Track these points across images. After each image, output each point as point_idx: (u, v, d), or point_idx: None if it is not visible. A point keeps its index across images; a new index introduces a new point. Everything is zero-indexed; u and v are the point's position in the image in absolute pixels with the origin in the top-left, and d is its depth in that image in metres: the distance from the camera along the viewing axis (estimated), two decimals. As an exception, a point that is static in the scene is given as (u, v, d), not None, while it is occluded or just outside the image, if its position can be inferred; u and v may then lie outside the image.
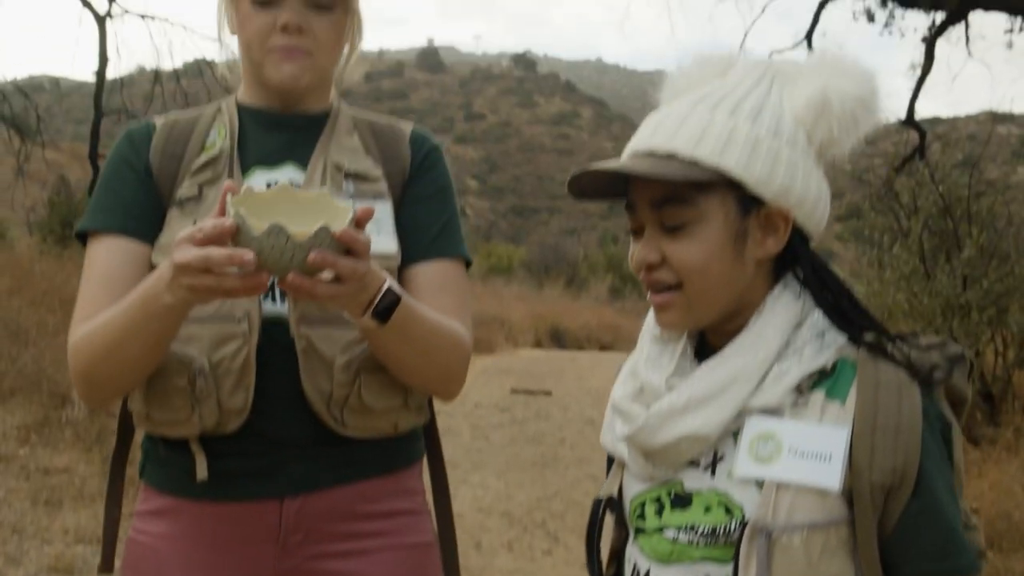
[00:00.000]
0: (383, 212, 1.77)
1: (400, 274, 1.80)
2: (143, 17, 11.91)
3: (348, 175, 1.78)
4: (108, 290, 1.69)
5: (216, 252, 1.37)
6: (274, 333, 1.69)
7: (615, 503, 1.49)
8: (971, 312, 6.94)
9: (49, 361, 7.05)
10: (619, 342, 19.25)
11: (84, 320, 1.69)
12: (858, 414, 1.26)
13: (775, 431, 1.29)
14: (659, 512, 1.39)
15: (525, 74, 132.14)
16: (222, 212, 1.41)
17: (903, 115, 13.10)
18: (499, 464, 7.77)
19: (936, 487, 1.26)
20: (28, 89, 13.56)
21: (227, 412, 1.68)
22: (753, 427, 1.31)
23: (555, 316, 21.07)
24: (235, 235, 1.37)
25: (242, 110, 1.85)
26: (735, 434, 1.33)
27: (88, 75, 11.64)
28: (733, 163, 1.31)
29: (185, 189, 1.75)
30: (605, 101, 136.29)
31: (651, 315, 1.47)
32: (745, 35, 14.10)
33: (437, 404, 1.94)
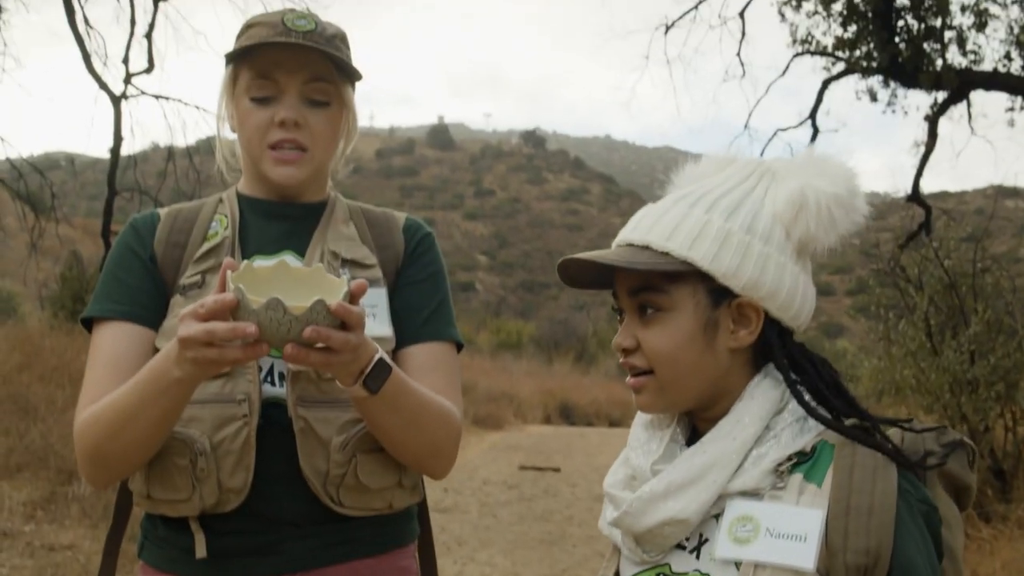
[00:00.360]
0: (378, 298, 1.84)
1: (393, 356, 1.84)
2: (157, 98, 12.13)
3: (345, 262, 1.85)
4: (114, 374, 1.73)
5: (219, 326, 1.43)
6: (273, 414, 1.74)
7: None
8: (979, 388, 6.91)
9: (57, 437, 7.07)
10: (628, 418, 19.03)
11: (90, 404, 1.72)
12: (832, 496, 1.29)
13: (753, 513, 1.33)
14: None
15: (535, 151, 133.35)
16: (223, 288, 1.46)
17: (909, 191, 13.20)
18: (507, 542, 7.70)
19: (913, 568, 1.27)
20: (44, 166, 13.75)
21: (227, 492, 1.71)
22: (733, 510, 1.35)
23: (564, 392, 21.02)
24: (235, 309, 1.43)
25: (243, 200, 1.91)
26: (719, 517, 1.37)
27: (103, 152, 11.82)
28: (701, 255, 1.37)
29: (188, 276, 1.80)
30: (614, 177, 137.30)
31: None
32: (749, 115, 14.29)
33: (445, 481, 1.98)
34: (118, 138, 11.40)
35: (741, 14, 13.70)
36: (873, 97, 13.14)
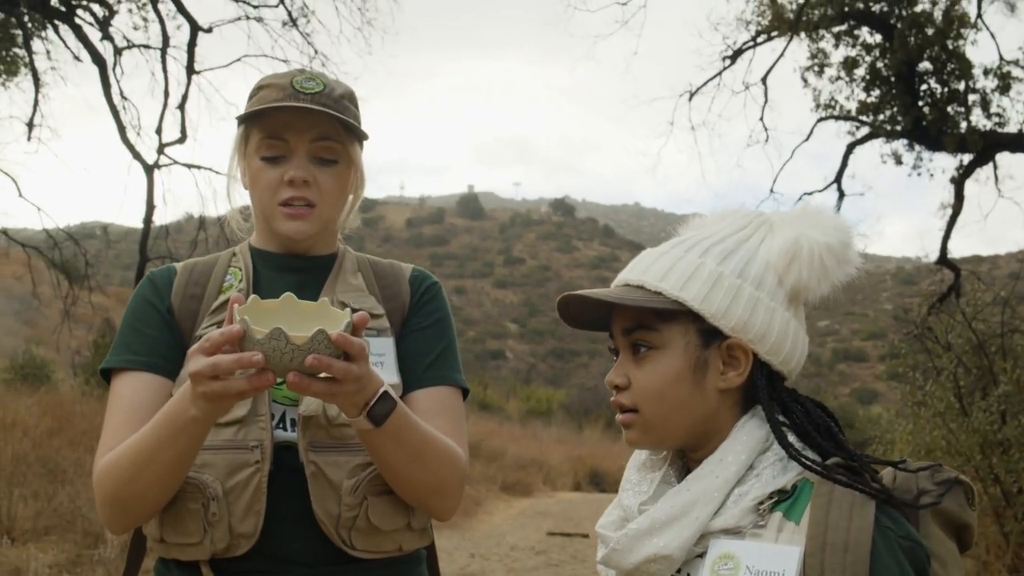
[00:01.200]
0: (386, 347, 1.89)
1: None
2: (189, 167, 12.36)
3: (354, 311, 1.87)
4: (132, 423, 1.77)
5: (223, 358, 1.47)
6: (285, 458, 1.78)
7: None
8: (1011, 448, 6.82)
9: (84, 500, 7.11)
10: (659, 485, 18.93)
11: (108, 452, 1.77)
12: (809, 533, 1.31)
13: (734, 551, 1.35)
14: None
15: (564, 219, 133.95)
16: (230, 322, 1.51)
17: (938, 254, 13.16)
18: (533, 607, 7.61)
19: None
20: (80, 235, 14.01)
21: (237, 536, 1.74)
22: (715, 548, 1.38)
23: (594, 459, 20.86)
24: (241, 341, 1.47)
25: (255, 254, 1.98)
26: (704, 555, 1.39)
27: (137, 221, 12.04)
28: (692, 295, 1.42)
29: (205, 328, 1.85)
30: (643, 245, 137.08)
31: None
32: (775, 179, 14.34)
33: (472, 546, 2.02)
34: (150, 206, 11.61)
35: (764, 80, 13.85)
36: (898, 160, 13.19)
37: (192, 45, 12.25)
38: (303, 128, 1.86)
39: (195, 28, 12.13)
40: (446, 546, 9.86)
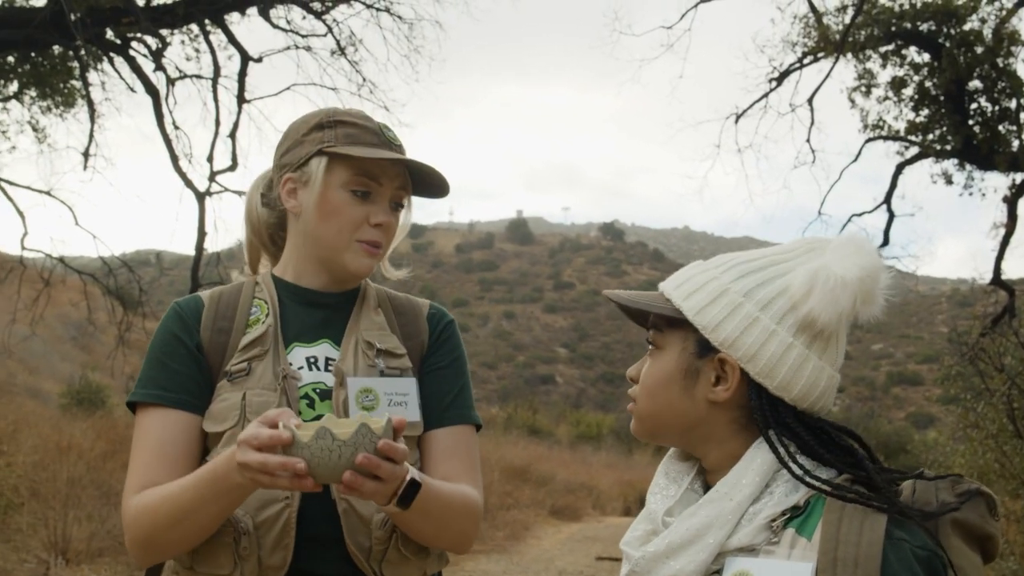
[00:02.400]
0: (409, 387, 1.96)
1: (419, 438, 1.97)
2: (240, 194, 12.54)
3: (379, 352, 1.95)
4: (161, 461, 1.83)
5: (271, 459, 1.54)
6: (314, 495, 1.81)
7: None
8: (1066, 471, 6.70)
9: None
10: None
11: (138, 488, 1.81)
12: (821, 549, 1.33)
13: (749, 569, 1.38)
14: None
15: (613, 243, 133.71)
16: (273, 426, 1.58)
17: (992, 275, 12.96)
18: (580, 631, 7.58)
19: None
20: (135, 263, 14.25)
21: (267, 568, 1.79)
22: (731, 567, 1.40)
23: (644, 483, 20.61)
24: (287, 446, 1.55)
25: (280, 285, 2.02)
26: (720, 573, 1.41)
27: (189, 249, 12.24)
28: (690, 305, 1.48)
29: (235, 364, 1.89)
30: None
31: (670, 451, 1.61)
32: (823, 201, 14.22)
33: (520, 571, 2.08)
34: (202, 233, 11.78)
35: (810, 101, 13.77)
36: (948, 180, 13.03)
37: (243, 75, 12.45)
38: (393, 176, 1.95)
39: (245, 58, 12.33)
40: (494, 570, 9.86)
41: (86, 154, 12.60)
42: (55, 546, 6.77)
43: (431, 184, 2.02)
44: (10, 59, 12.54)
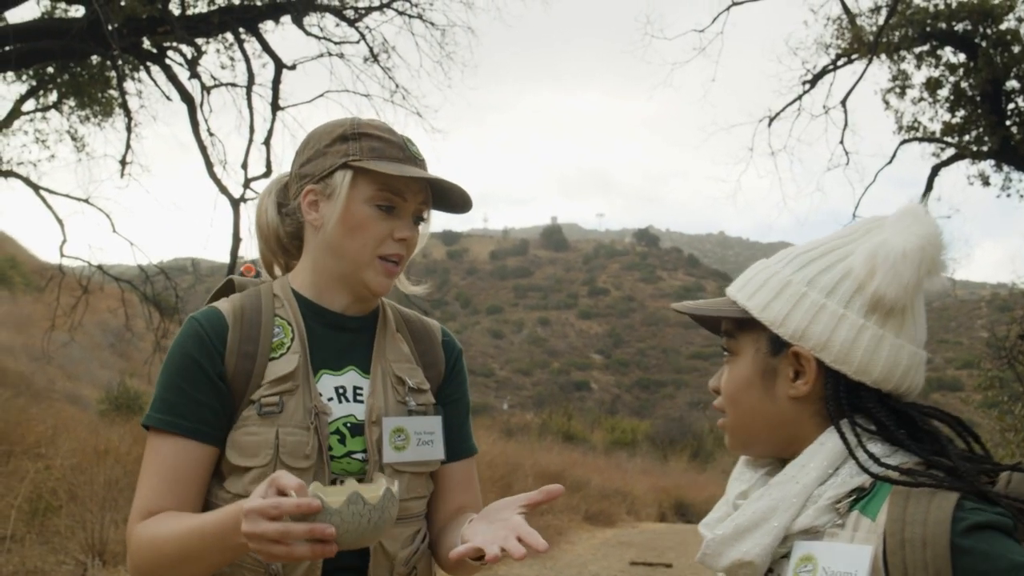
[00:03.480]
0: (435, 425, 1.96)
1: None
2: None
3: (411, 390, 1.96)
4: (172, 489, 1.80)
5: (296, 527, 1.49)
6: None
7: None
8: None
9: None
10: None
11: (144, 513, 1.80)
12: (888, 530, 1.30)
13: (813, 552, 1.36)
14: None
15: (648, 249, 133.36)
16: (283, 493, 1.53)
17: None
18: (613, 635, 7.55)
19: None
20: (172, 270, 14.40)
21: None
22: (797, 551, 1.38)
23: (679, 489, 20.63)
24: (314, 515, 1.52)
25: (302, 303, 1.96)
26: (789, 556, 1.40)
27: (223, 255, 12.36)
28: (755, 303, 1.46)
29: (266, 397, 1.83)
30: (728, 274, 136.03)
31: None
32: (857, 203, 14.11)
33: (554, 575, 2.07)
34: (236, 239, 11.90)
35: (843, 103, 13.68)
36: (985, 182, 12.90)
37: (277, 82, 12.58)
38: (416, 191, 1.92)
39: (279, 66, 12.45)
40: (527, 574, 9.85)
41: (123, 162, 12.79)
42: (92, 548, 6.84)
43: (453, 200, 1.99)
44: (50, 69, 12.74)
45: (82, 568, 6.63)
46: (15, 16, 12.33)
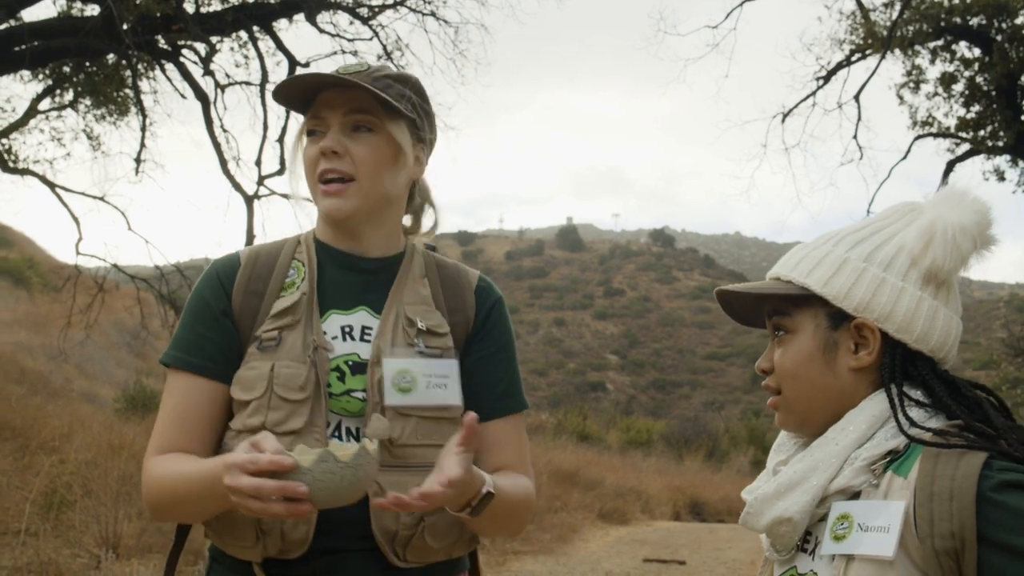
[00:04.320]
0: (450, 368, 1.89)
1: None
2: (287, 197, 12.70)
3: (420, 332, 1.89)
4: (181, 425, 1.84)
5: (267, 484, 1.52)
6: None
7: None
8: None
9: (186, 518, 7.28)
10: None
11: (157, 449, 1.84)
12: (917, 485, 1.37)
13: (850, 511, 1.43)
14: None
15: (664, 249, 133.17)
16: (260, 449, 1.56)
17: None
18: (625, 630, 7.54)
19: (1005, 535, 1.30)
20: (188, 268, 14.47)
21: (290, 542, 1.78)
22: (835, 510, 1.46)
23: (694, 488, 20.57)
24: (288, 473, 1.53)
25: (320, 247, 1.97)
26: (826, 517, 1.47)
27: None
28: (815, 280, 1.52)
29: (266, 331, 1.85)
30: (744, 274, 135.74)
31: None
32: (871, 200, 14.06)
33: (566, 572, 2.09)
34: (250, 236, 11.96)
35: (856, 97, 13.63)
36: (1001, 177, 12.84)
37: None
38: (338, 104, 1.87)
39: (293, 63, 12.50)
40: (540, 571, 9.85)
41: (138, 160, 12.85)
42: (106, 541, 6.88)
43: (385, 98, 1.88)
44: (66, 69, 12.82)
45: (96, 561, 6.66)
46: (30, 15, 12.42)
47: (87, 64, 12.53)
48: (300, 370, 1.80)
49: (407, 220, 2.06)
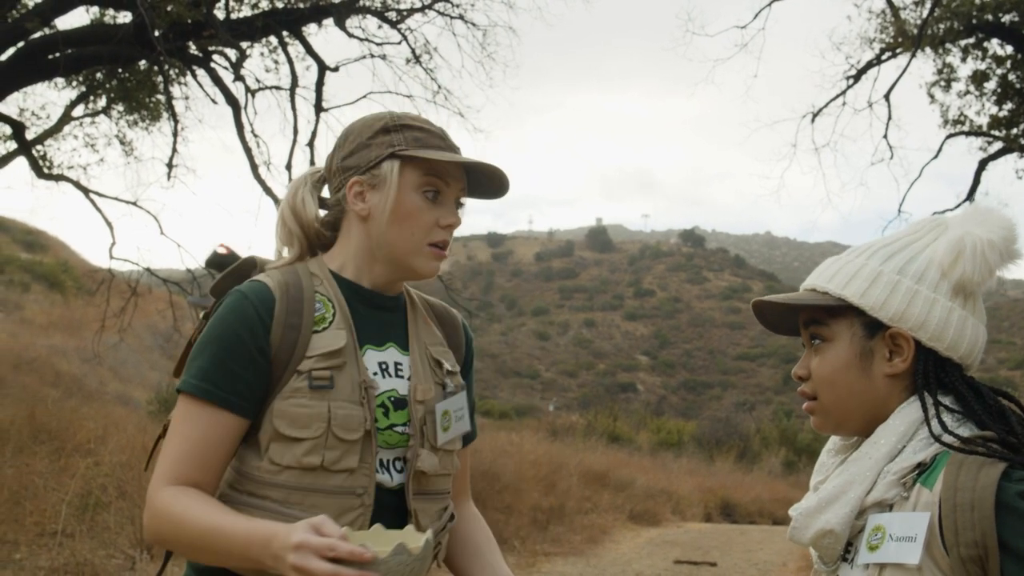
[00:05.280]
0: (463, 402, 2.06)
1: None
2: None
3: (448, 372, 2.05)
4: (199, 457, 1.83)
5: (347, 572, 1.56)
6: (383, 499, 1.90)
7: None
8: None
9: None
10: (792, 516, 18.46)
11: (168, 478, 1.82)
12: (942, 496, 1.44)
13: (883, 522, 1.51)
14: None
15: (694, 250, 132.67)
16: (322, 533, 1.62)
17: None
18: (655, 631, 7.53)
19: (1014, 552, 1.38)
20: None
21: None
22: (871, 522, 1.54)
23: (725, 490, 20.49)
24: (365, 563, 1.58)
25: (343, 284, 2.00)
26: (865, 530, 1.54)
27: (269, 255, 12.48)
28: (852, 291, 1.60)
29: (316, 370, 1.87)
30: (776, 275, 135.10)
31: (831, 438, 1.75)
32: (903, 199, 13.95)
33: (596, 574, 2.24)
34: (281, 240, 12.03)
35: (887, 96, 13.53)
36: (1033, 175, 12.70)
37: (320, 84, 12.71)
38: (457, 177, 1.99)
39: (322, 68, 12.59)
40: (571, 572, 9.86)
41: (170, 164, 12.97)
42: (141, 542, 6.94)
43: (490, 185, 2.05)
44: (99, 76, 12.97)
45: (131, 562, 6.74)
46: (64, 23, 12.58)
47: (120, 71, 12.67)
48: (355, 411, 1.86)
49: None
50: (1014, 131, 12.43)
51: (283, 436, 1.84)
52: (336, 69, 12.63)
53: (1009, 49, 12.32)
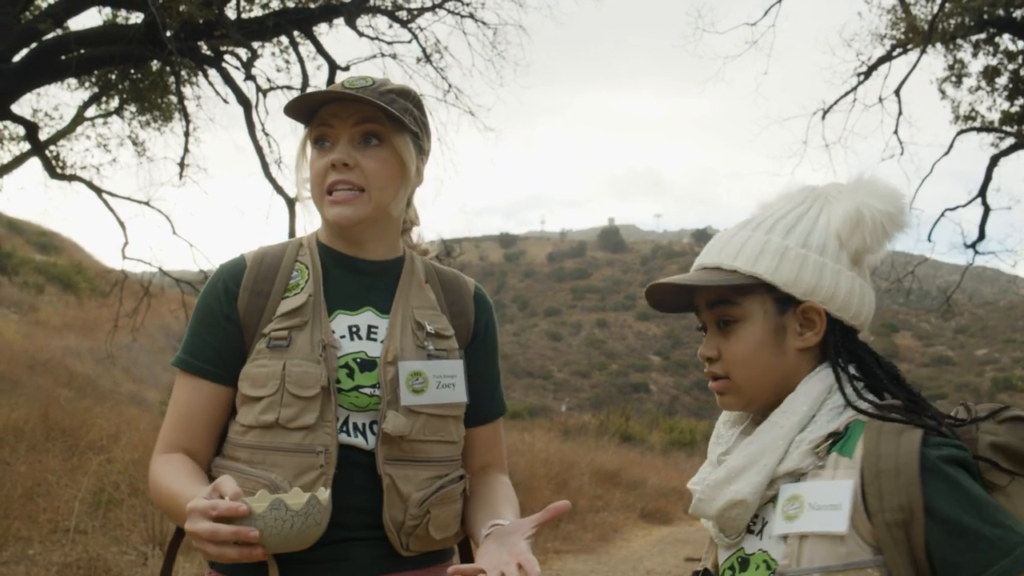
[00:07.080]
0: (456, 368, 2.01)
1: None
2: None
3: (429, 335, 2.00)
4: (186, 425, 1.94)
5: (222, 529, 1.60)
6: (347, 459, 1.90)
7: (711, 574, 1.71)
8: None
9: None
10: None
11: (163, 447, 1.95)
12: (864, 464, 1.45)
13: (799, 492, 1.51)
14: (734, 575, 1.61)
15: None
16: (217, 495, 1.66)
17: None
18: (667, 628, 7.53)
19: (947, 508, 1.39)
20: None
21: None
22: (784, 492, 1.53)
23: (738, 488, 20.44)
24: (243, 519, 1.62)
25: (323, 249, 2.04)
26: (775, 500, 1.54)
27: (280, 255, 12.50)
28: (763, 269, 1.59)
29: (276, 330, 1.92)
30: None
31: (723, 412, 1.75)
32: (914, 195, 13.89)
33: (608, 571, 2.16)
34: (292, 237, 12.08)
35: (897, 92, 13.48)
36: (1047, 170, 12.63)
37: (331, 83, 12.70)
38: (345, 116, 1.94)
39: (333, 67, 12.60)
40: (582, 569, 9.87)
41: (181, 164, 13.02)
42: (153, 539, 6.99)
43: (379, 108, 1.94)
44: (111, 76, 13.03)
45: (143, 558, 6.78)
46: (77, 24, 12.64)
47: (132, 71, 12.72)
48: (311, 368, 1.88)
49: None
50: (1026, 127, 12.39)
51: (246, 397, 1.91)
52: (347, 68, 12.65)
53: (1021, 44, 12.27)
